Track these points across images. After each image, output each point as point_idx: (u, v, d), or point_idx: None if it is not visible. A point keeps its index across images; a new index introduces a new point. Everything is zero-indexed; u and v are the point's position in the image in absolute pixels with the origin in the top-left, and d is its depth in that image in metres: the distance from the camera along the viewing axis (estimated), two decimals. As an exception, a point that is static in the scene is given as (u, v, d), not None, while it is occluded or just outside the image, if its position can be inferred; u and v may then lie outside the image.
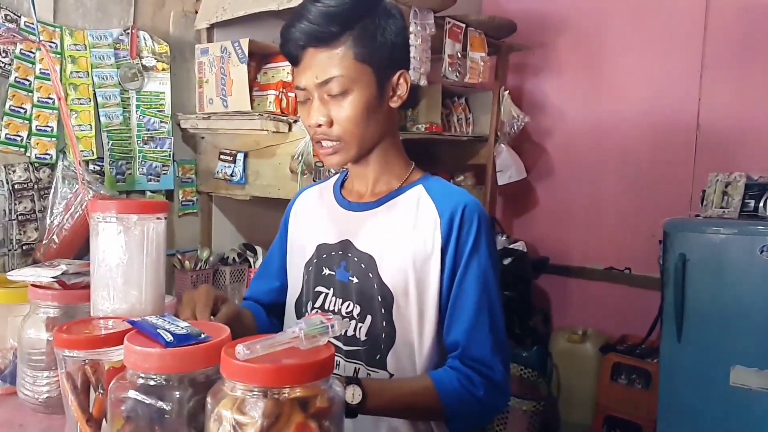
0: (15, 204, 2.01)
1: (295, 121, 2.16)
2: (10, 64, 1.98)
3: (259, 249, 2.56)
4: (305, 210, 1.35)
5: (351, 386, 0.99)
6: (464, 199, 1.15)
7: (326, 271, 1.23)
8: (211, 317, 1.06)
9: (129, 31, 2.26)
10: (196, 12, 2.46)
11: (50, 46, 2.05)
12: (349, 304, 1.19)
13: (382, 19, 1.11)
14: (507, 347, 1.17)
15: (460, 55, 2.81)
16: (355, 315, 1.18)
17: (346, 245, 1.21)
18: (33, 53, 2.02)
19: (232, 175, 2.36)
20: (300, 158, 2.10)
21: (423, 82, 2.57)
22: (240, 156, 2.34)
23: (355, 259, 1.19)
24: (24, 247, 2.03)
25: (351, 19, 1.07)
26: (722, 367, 2.41)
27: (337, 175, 1.35)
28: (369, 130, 1.14)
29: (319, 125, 1.12)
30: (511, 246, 3.50)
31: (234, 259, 2.54)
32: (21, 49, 1.99)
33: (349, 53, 1.08)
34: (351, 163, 1.22)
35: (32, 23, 1.98)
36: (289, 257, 1.35)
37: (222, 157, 2.39)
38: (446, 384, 1.09)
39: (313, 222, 1.31)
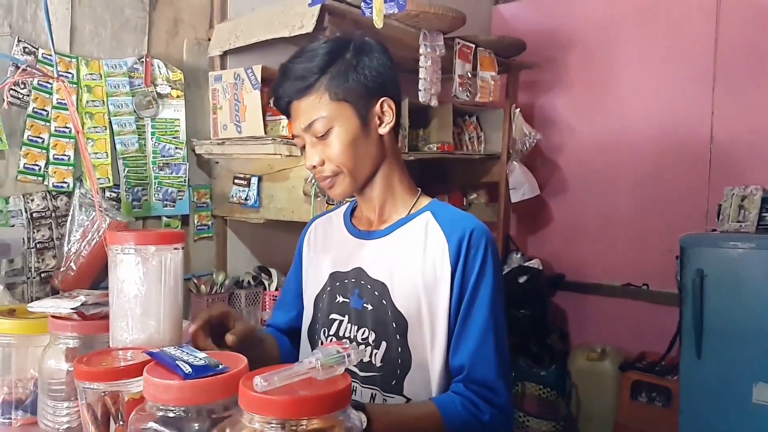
0: (33, 232, 2.04)
1: (308, 145, 2.17)
2: (28, 95, 2.02)
3: (274, 272, 2.57)
4: (317, 239, 1.39)
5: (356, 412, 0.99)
6: (471, 224, 1.18)
7: (340, 299, 1.25)
8: (208, 337, 1.09)
9: (143, 59, 2.30)
10: (209, 39, 2.50)
11: (67, 76, 2.09)
12: (364, 331, 1.21)
13: (354, 58, 1.18)
14: (510, 372, 1.18)
15: (470, 75, 2.83)
16: (370, 341, 1.19)
17: (358, 273, 1.24)
18: (50, 84, 2.05)
19: (246, 199, 2.37)
20: (313, 181, 2.12)
21: (434, 102, 2.58)
22: (254, 180, 2.36)
23: (369, 286, 1.21)
24: (42, 275, 2.06)
25: (323, 67, 1.16)
26: (744, 384, 2.38)
27: (347, 204, 1.39)
28: (360, 160, 1.19)
29: (314, 166, 1.19)
30: (526, 264, 3.48)
31: (249, 282, 2.55)
32: (39, 80, 2.03)
33: (324, 96, 1.15)
34: (356, 193, 1.26)
35: (50, 55, 2.02)
36: (304, 286, 1.38)
37: (236, 181, 2.41)
38: (450, 408, 1.10)
39: (326, 250, 1.34)
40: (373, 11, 1.84)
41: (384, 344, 1.18)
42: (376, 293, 1.20)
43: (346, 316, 1.24)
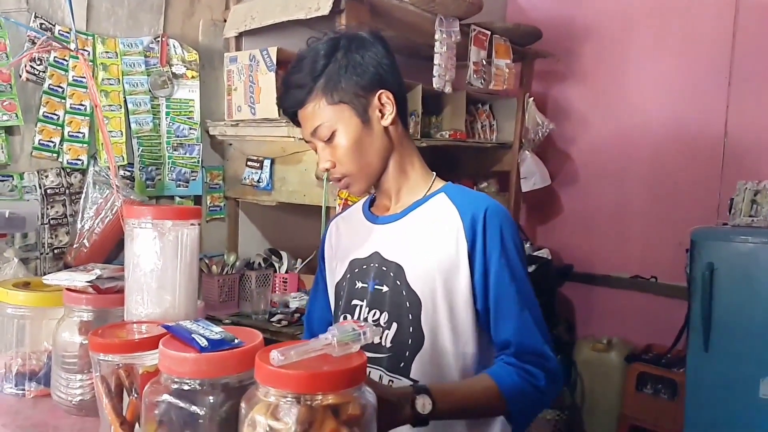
0: (47, 208, 2.05)
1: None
2: (44, 72, 2.03)
3: (284, 254, 2.58)
4: (337, 236, 1.39)
5: (421, 396, 1.00)
6: (485, 203, 1.19)
7: (359, 285, 1.26)
8: None
9: (159, 39, 2.30)
10: (225, 20, 2.49)
11: (83, 53, 2.09)
12: (375, 313, 1.22)
13: (344, 57, 1.19)
14: (550, 335, 1.20)
15: (485, 62, 2.82)
16: (382, 323, 1.20)
17: (375, 257, 1.25)
18: (66, 61, 2.06)
19: (258, 181, 2.38)
20: (326, 165, 2.12)
21: (448, 89, 2.57)
22: (267, 162, 2.36)
23: (384, 268, 1.22)
24: (55, 251, 2.07)
25: (316, 74, 1.18)
26: (751, 379, 2.37)
27: (367, 197, 1.40)
28: (368, 157, 1.21)
29: (327, 169, 1.23)
30: (535, 253, 3.47)
31: (260, 263, 2.56)
32: (55, 57, 2.03)
33: (321, 101, 1.18)
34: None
35: (66, 31, 2.03)
36: (329, 283, 1.38)
37: (249, 163, 2.42)
38: (506, 379, 1.11)
39: (345, 242, 1.35)
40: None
41: (395, 325, 1.18)
42: (392, 274, 1.20)
43: (364, 300, 1.25)
